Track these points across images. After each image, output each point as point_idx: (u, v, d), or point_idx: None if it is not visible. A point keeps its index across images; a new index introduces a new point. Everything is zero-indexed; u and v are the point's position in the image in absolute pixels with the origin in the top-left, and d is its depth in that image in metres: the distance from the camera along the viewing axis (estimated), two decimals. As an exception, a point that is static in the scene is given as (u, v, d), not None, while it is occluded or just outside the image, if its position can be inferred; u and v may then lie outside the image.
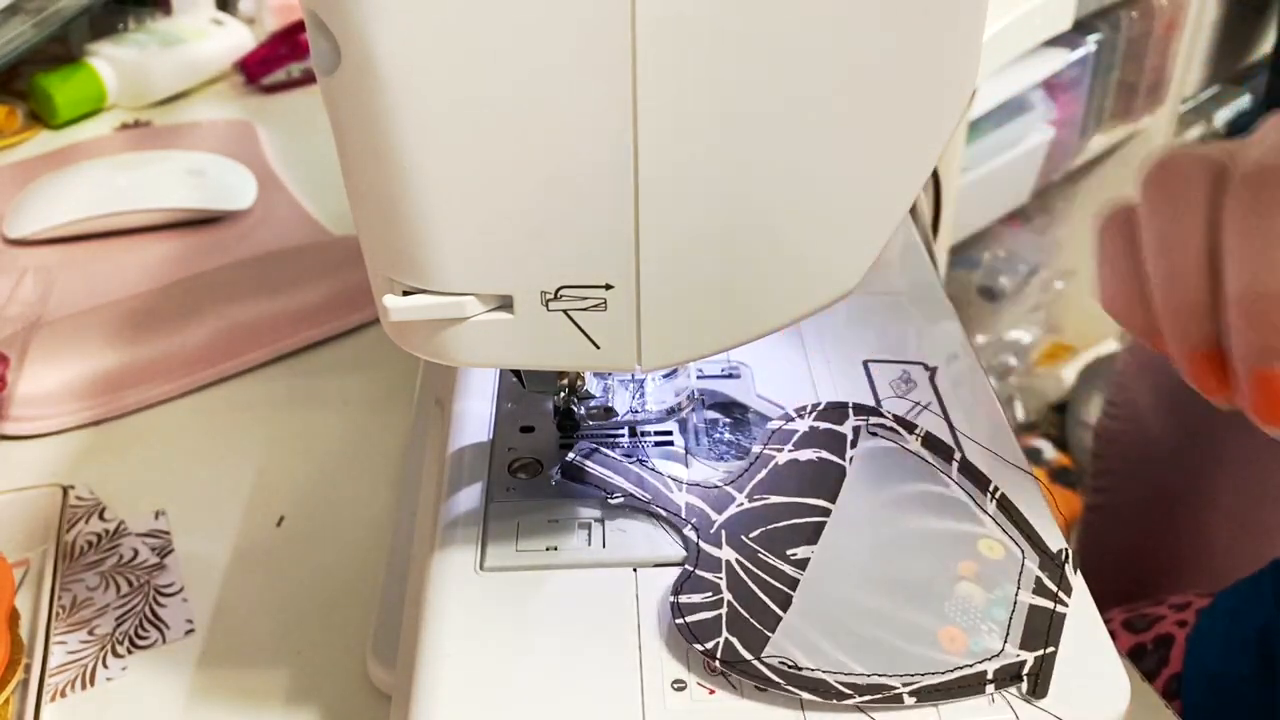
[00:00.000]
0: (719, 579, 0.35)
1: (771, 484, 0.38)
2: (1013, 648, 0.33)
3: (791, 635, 0.33)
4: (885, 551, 0.36)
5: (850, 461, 0.39)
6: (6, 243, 0.67)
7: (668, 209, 0.29)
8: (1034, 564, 0.36)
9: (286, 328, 0.59)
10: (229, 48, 0.87)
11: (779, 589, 0.35)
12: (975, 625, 0.34)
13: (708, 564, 0.35)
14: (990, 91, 1.13)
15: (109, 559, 0.47)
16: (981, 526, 0.37)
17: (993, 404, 0.43)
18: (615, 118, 0.27)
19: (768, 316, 0.32)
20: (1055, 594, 0.35)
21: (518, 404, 0.43)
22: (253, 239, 0.67)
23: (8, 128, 0.79)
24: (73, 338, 0.56)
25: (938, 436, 0.40)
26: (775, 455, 0.39)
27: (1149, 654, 0.60)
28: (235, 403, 0.56)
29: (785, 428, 0.40)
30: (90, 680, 0.42)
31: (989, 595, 0.35)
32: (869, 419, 0.41)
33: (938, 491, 0.38)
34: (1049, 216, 1.49)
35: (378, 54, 0.26)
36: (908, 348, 0.46)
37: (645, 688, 0.32)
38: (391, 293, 0.30)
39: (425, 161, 0.27)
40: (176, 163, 0.71)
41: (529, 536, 0.37)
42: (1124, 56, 1.30)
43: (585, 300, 0.30)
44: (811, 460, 0.39)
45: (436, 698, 0.32)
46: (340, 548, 0.48)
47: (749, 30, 0.27)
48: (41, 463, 0.52)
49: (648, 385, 0.41)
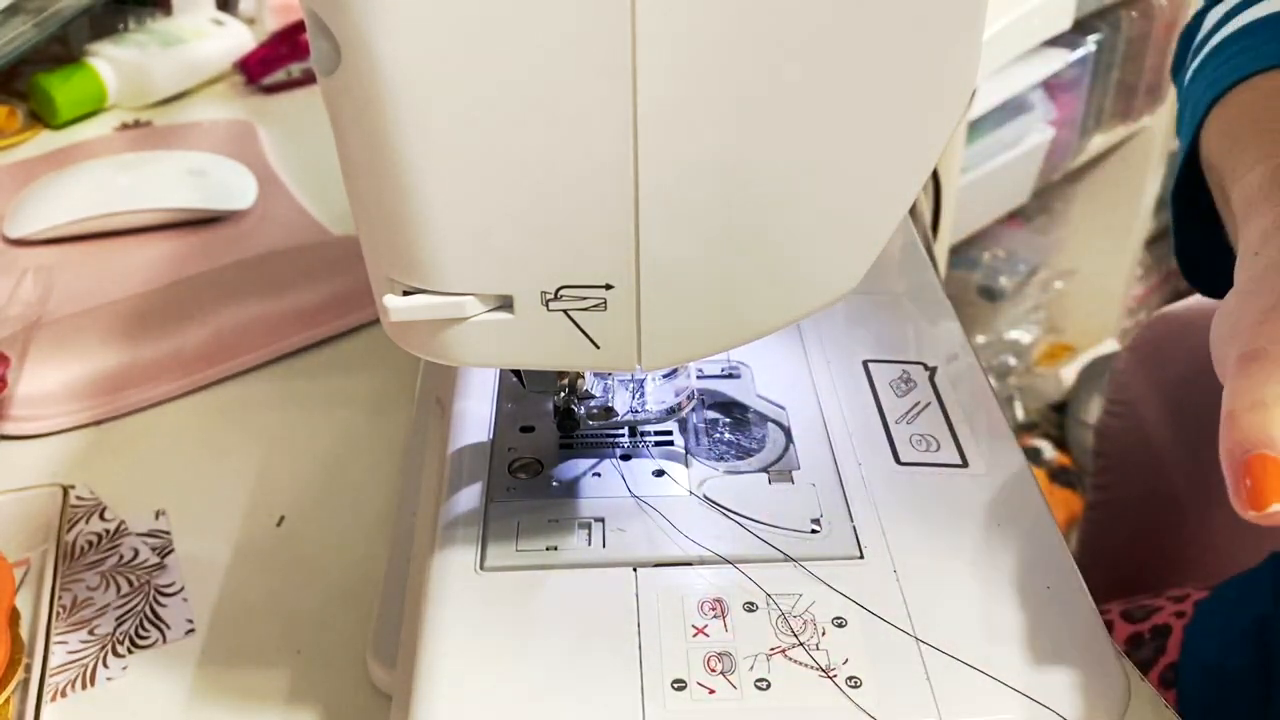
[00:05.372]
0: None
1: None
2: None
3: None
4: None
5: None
6: (6, 243, 0.67)
7: (667, 209, 0.29)
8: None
9: (286, 328, 0.59)
10: (229, 48, 0.87)
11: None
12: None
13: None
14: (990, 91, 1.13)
15: (109, 559, 0.47)
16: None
17: (992, 404, 0.43)
18: (615, 118, 0.27)
19: (768, 316, 0.32)
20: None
21: (518, 404, 0.43)
22: (253, 239, 0.67)
23: (8, 128, 0.79)
24: (73, 338, 0.56)
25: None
26: None
27: (1146, 643, 0.60)
28: (235, 403, 0.56)
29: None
30: (90, 680, 0.42)
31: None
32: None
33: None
34: (1049, 216, 1.49)
35: (378, 54, 0.26)
36: (907, 348, 0.46)
37: (645, 688, 0.32)
38: (392, 293, 0.30)
39: (425, 161, 0.27)
40: (176, 163, 0.71)
41: (529, 536, 0.37)
42: (1124, 56, 1.31)
43: (585, 300, 0.30)
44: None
45: (436, 698, 0.32)
46: (340, 548, 0.48)
47: (748, 31, 0.27)
48: (41, 463, 0.52)
49: (648, 385, 0.41)
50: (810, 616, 0.34)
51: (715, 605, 0.35)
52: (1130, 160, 1.44)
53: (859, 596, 0.35)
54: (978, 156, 1.18)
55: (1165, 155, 1.45)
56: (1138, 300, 1.65)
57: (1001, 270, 1.42)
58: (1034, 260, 1.46)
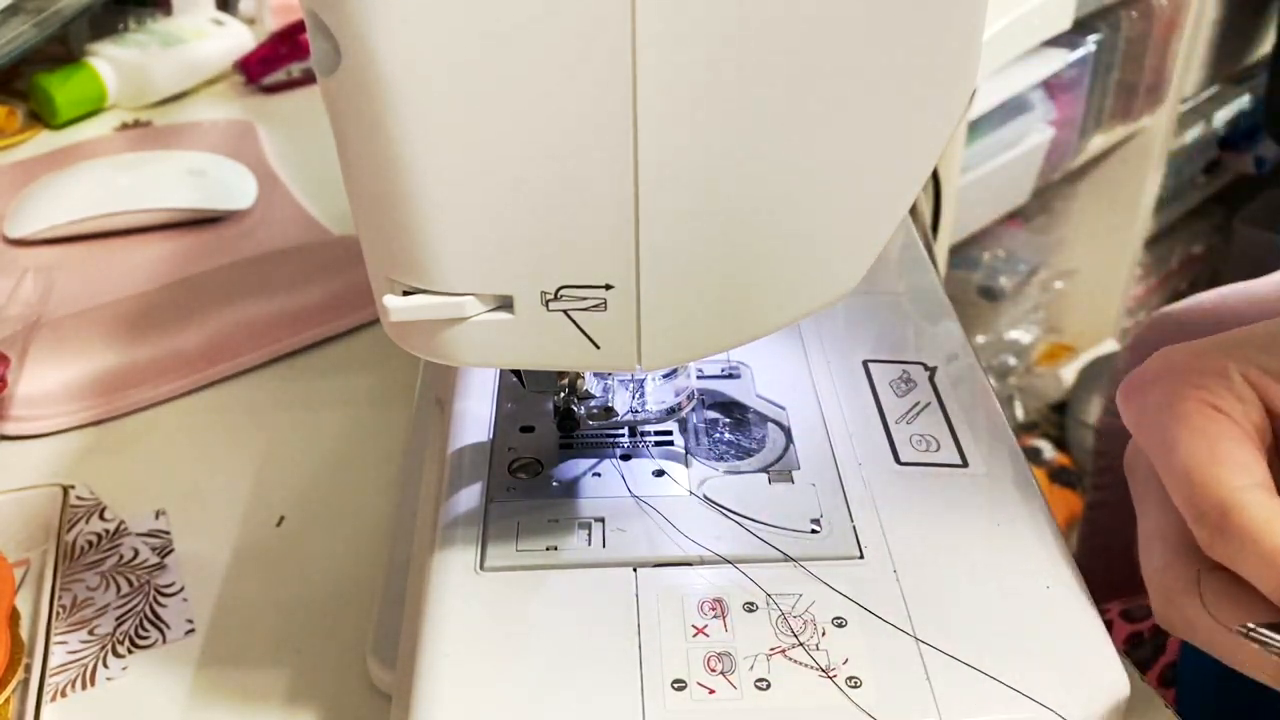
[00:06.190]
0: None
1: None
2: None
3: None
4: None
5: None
6: (6, 243, 0.67)
7: (667, 209, 0.29)
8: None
9: (286, 328, 0.59)
10: (229, 48, 0.87)
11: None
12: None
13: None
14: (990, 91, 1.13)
15: (109, 559, 0.47)
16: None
17: (992, 404, 0.43)
18: (615, 118, 0.27)
19: (768, 316, 0.32)
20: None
21: (518, 404, 0.43)
22: (253, 239, 0.67)
23: (8, 128, 0.79)
24: (73, 338, 0.56)
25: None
26: None
27: (1145, 643, 0.60)
28: (235, 403, 0.56)
29: None
30: (90, 680, 0.42)
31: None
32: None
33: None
34: (1049, 216, 1.49)
35: (378, 54, 0.26)
36: (907, 348, 0.46)
37: (645, 688, 0.32)
38: (392, 293, 0.30)
39: (425, 162, 0.27)
40: (176, 163, 0.71)
41: (529, 536, 0.37)
42: (1124, 56, 1.30)
43: (585, 300, 0.30)
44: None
45: (436, 698, 0.32)
46: (340, 548, 0.48)
47: (748, 31, 0.27)
48: (41, 463, 0.52)
49: (648, 385, 0.41)
50: (810, 616, 0.34)
51: (715, 605, 0.35)
52: (1130, 160, 1.44)
53: (859, 596, 0.35)
54: (978, 156, 1.18)
55: (1165, 155, 1.45)
56: (1138, 300, 1.65)
57: (1001, 270, 1.42)
58: (1034, 260, 1.46)
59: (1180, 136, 1.51)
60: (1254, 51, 1.58)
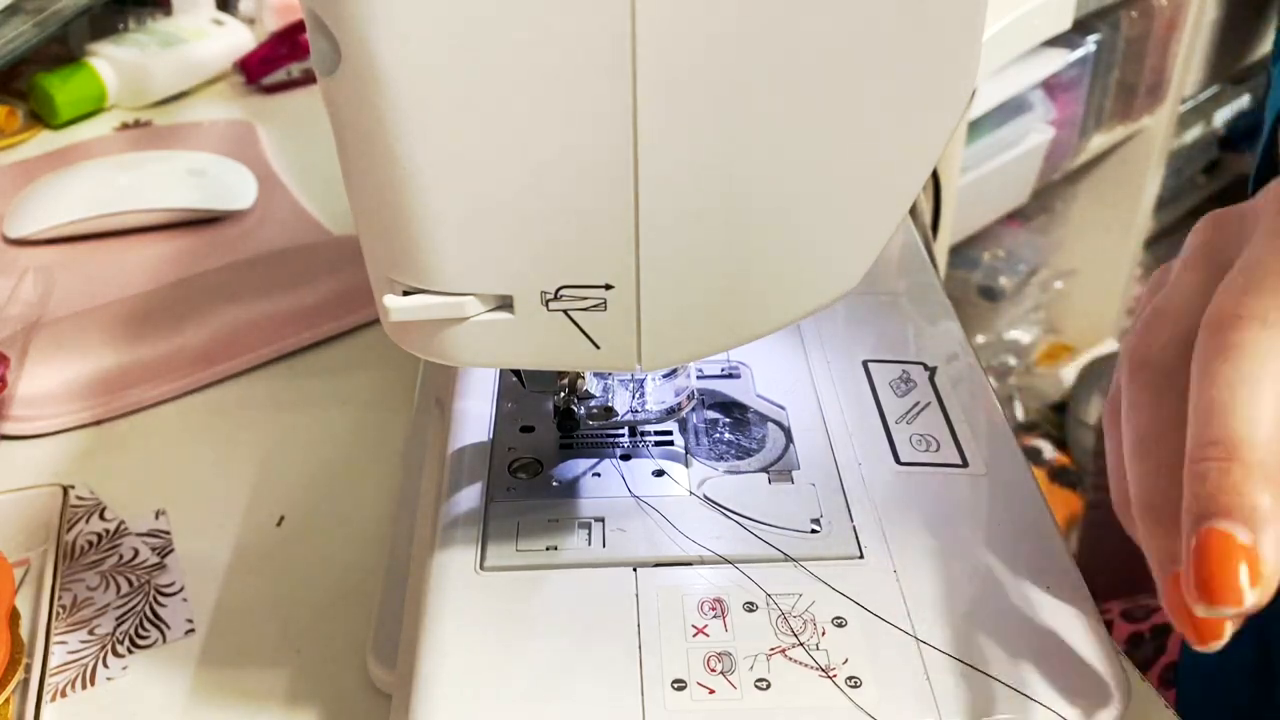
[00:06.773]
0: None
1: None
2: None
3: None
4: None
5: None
6: (6, 243, 0.67)
7: (668, 209, 0.29)
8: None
9: (286, 328, 0.59)
10: (229, 48, 0.87)
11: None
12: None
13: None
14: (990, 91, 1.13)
15: (109, 559, 0.47)
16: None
17: (992, 404, 0.43)
18: (615, 118, 0.27)
19: (768, 316, 0.32)
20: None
21: (518, 404, 0.43)
22: (253, 239, 0.67)
23: (8, 128, 0.79)
24: (73, 338, 0.56)
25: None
26: None
27: (1146, 642, 0.60)
28: (235, 403, 0.56)
29: None
30: (90, 680, 0.42)
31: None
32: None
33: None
34: (1049, 216, 1.49)
35: (378, 54, 0.26)
36: (907, 348, 0.46)
37: (645, 688, 0.32)
38: (392, 293, 0.30)
39: (425, 161, 0.27)
40: (176, 163, 0.71)
41: (529, 536, 0.37)
42: (1124, 56, 1.30)
43: (585, 300, 0.30)
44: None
45: (436, 698, 0.32)
46: (340, 548, 0.48)
47: (748, 31, 0.27)
48: (41, 463, 0.52)
49: (648, 385, 0.41)
50: (810, 616, 0.34)
51: (715, 605, 0.35)
52: (1130, 160, 1.44)
53: (859, 596, 0.35)
54: (978, 156, 1.18)
55: (1165, 155, 1.45)
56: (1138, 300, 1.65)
57: (1001, 270, 1.42)
58: (1034, 260, 1.46)
59: (1180, 136, 1.51)
60: (1254, 51, 1.58)
